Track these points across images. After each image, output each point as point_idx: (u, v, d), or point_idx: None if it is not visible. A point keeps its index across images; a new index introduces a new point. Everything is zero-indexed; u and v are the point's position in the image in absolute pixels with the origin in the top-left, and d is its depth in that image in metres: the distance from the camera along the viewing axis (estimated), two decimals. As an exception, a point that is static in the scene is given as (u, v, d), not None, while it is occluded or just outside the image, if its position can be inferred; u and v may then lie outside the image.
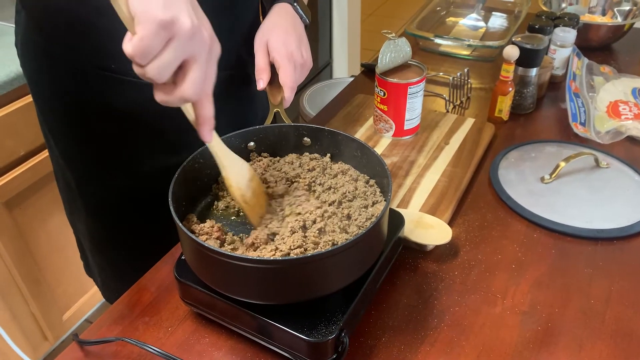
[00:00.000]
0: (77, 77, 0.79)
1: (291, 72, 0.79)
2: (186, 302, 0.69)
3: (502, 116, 1.08)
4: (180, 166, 0.67)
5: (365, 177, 0.73)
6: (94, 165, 0.89)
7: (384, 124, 1.01)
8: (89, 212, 0.94)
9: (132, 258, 0.94)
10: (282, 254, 0.60)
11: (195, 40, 0.49)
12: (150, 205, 0.88)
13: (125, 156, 0.87)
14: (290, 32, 0.82)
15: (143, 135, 0.85)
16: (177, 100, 0.51)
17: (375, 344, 0.67)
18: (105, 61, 0.76)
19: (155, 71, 0.48)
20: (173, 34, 0.47)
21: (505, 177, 0.93)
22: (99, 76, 0.77)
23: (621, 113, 1.07)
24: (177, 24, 0.47)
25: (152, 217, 0.88)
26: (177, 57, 0.48)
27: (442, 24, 1.49)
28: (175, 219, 0.59)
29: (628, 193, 0.89)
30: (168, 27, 0.46)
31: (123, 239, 0.96)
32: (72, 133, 0.86)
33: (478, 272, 0.76)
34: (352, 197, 0.69)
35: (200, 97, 0.52)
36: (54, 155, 0.93)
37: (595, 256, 0.79)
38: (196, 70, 0.50)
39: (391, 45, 0.98)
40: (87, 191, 0.92)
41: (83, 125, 0.84)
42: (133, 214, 0.93)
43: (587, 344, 0.66)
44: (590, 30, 1.32)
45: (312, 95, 1.85)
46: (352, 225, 0.65)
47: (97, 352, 0.67)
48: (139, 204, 0.91)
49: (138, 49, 0.46)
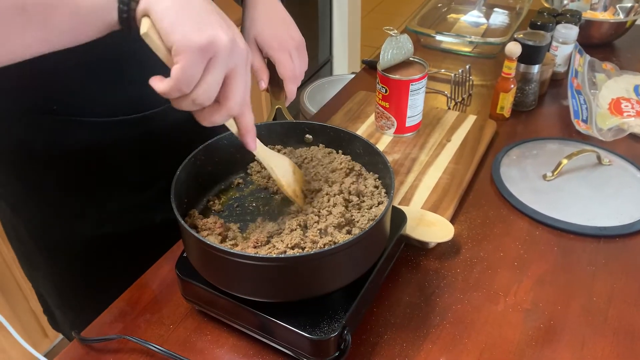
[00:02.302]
0: (16, 122, 0.72)
1: (288, 63, 0.76)
2: (188, 299, 0.68)
3: (504, 113, 1.08)
4: (182, 164, 0.67)
5: (374, 176, 0.72)
6: (49, 214, 0.81)
7: (385, 121, 1.01)
8: (52, 265, 0.86)
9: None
10: (278, 251, 0.60)
11: (235, 53, 0.48)
12: (121, 247, 0.83)
13: (82, 200, 0.80)
14: (272, 18, 0.78)
15: (99, 175, 0.79)
16: (225, 118, 0.51)
17: (377, 341, 0.67)
18: (48, 103, 0.70)
19: (204, 95, 0.47)
20: (214, 54, 0.46)
21: (507, 174, 0.93)
22: (41, 119, 0.72)
23: (623, 110, 1.07)
24: (216, 43, 0.46)
25: (124, 259, 0.83)
26: (221, 75, 0.48)
27: (443, 21, 1.49)
28: (177, 216, 0.59)
29: (630, 190, 0.89)
30: (208, 49, 0.45)
31: (96, 288, 0.86)
32: (20, 181, 0.78)
33: (480, 270, 0.76)
34: (362, 201, 0.68)
35: (243, 108, 0.52)
36: (1, 208, 0.83)
37: (597, 254, 0.78)
38: (238, 83, 0.49)
39: (393, 42, 0.97)
40: (46, 243, 0.83)
41: (31, 170, 0.77)
42: (104, 260, 0.85)
43: (590, 342, 0.66)
44: (592, 27, 1.32)
45: (313, 92, 1.85)
46: (354, 228, 0.64)
47: (98, 349, 0.67)
48: (107, 248, 0.84)
49: (181, 79, 0.45)
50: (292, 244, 0.60)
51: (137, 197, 0.80)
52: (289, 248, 0.60)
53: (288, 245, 0.60)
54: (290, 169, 0.69)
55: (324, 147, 0.77)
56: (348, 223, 0.65)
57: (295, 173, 0.70)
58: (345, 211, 0.65)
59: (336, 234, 0.62)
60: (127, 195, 0.82)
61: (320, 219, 0.65)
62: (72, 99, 0.59)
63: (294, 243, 0.61)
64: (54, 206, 0.80)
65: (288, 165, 0.69)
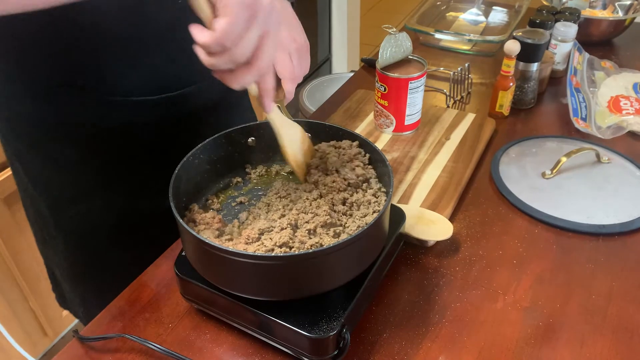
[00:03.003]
0: (42, 96, 0.73)
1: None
2: (187, 298, 0.68)
3: (503, 111, 1.08)
4: (180, 162, 0.67)
5: (378, 184, 0.71)
6: (70, 189, 0.82)
7: (384, 120, 1.01)
8: (68, 240, 0.87)
9: (123, 284, 0.80)
10: (266, 249, 0.60)
11: (272, 15, 0.49)
12: (139, 226, 0.84)
13: (103, 178, 0.82)
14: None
15: (122, 154, 0.80)
16: (255, 78, 0.52)
17: (376, 339, 0.67)
18: (77, 79, 0.71)
19: (242, 52, 0.48)
20: (255, 11, 0.47)
21: (506, 172, 0.93)
22: (68, 95, 0.73)
23: (622, 108, 1.07)
24: (259, 1, 0.47)
25: (142, 238, 0.84)
26: (259, 33, 0.49)
27: (442, 19, 1.49)
28: (175, 214, 0.59)
29: (629, 188, 0.89)
30: (252, 6, 0.47)
31: (111, 265, 0.88)
32: (40, 156, 0.80)
33: (479, 268, 0.76)
34: (358, 206, 0.68)
35: (270, 69, 0.53)
36: (21, 181, 0.86)
37: (596, 252, 0.78)
38: (270, 44, 0.50)
39: (392, 40, 0.97)
40: (64, 218, 0.85)
41: (53, 146, 0.78)
42: (122, 238, 0.86)
43: (589, 340, 0.66)
44: (591, 25, 1.31)
45: (312, 90, 1.85)
46: (343, 233, 0.64)
47: (97, 348, 0.67)
48: (124, 227, 0.85)
49: (228, 32, 0.46)
50: (280, 242, 0.60)
51: (156, 179, 0.81)
52: (277, 246, 0.60)
53: (276, 244, 0.60)
54: (298, 139, 0.70)
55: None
56: (335, 224, 0.64)
57: (304, 143, 0.71)
58: (333, 212, 0.65)
59: (324, 236, 0.62)
60: (147, 177, 0.83)
61: (310, 219, 0.64)
62: (102, 75, 0.60)
63: (282, 242, 0.60)
64: (74, 182, 0.82)
65: (298, 134, 0.70)
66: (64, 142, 0.78)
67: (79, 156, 0.79)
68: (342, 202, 0.67)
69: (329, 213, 0.64)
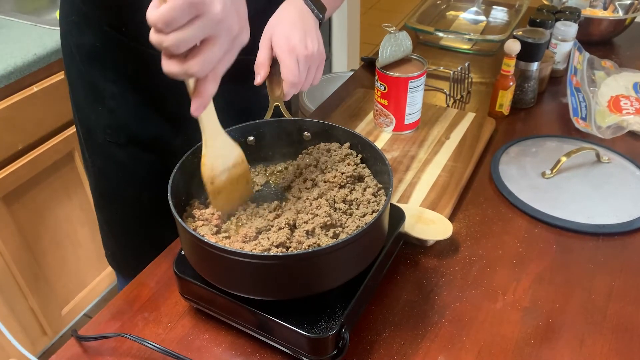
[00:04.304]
0: (97, 35, 0.83)
1: (293, 67, 0.77)
2: (186, 297, 0.68)
3: (503, 111, 1.07)
4: (180, 160, 0.67)
5: (377, 184, 0.71)
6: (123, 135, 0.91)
7: (384, 119, 1.01)
8: (120, 199, 0.96)
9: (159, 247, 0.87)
10: (263, 248, 0.60)
11: (221, 26, 0.50)
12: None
13: (139, 112, 0.90)
14: (296, 25, 0.80)
15: (152, 92, 0.87)
16: (182, 74, 0.52)
17: (375, 339, 0.66)
18: (118, 21, 0.81)
19: (173, 42, 0.49)
20: (201, 13, 0.48)
21: (506, 172, 0.93)
22: (112, 36, 0.82)
23: (622, 108, 1.07)
24: (206, 5, 0.48)
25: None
26: (197, 35, 0.49)
27: (442, 18, 1.48)
28: (173, 213, 0.59)
29: (629, 188, 0.89)
30: (197, 6, 0.48)
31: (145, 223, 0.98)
32: (90, 90, 0.89)
33: (479, 268, 0.76)
34: (357, 205, 0.67)
35: (206, 74, 0.53)
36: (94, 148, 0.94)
37: (596, 252, 0.78)
38: (211, 51, 0.51)
39: (392, 39, 0.97)
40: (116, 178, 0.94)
41: (100, 82, 0.87)
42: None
43: (589, 340, 0.66)
44: (591, 25, 1.31)
45: (312, 89, 1.85)
46: (342, 233, 0.64)
47: (96, 347, 0.66)
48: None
49: (164, 17, 0.47)
50: (277, 242, 0.60)
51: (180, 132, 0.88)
52: (274, 246, 0.60)
53: (273, 244, 0.60)
54: (231, 160, 0.66)
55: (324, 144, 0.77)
56: (335, 225, 0.64)
57: (236, 168, 0.67)
58: (333, 212, 0.65)
59: (322, 237, 0.62)
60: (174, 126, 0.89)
61: (309, 219, 0.64)
62: (141, 24, 0.60)
63: (279, 241, 0.60)
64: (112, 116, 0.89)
65: (232, 156, 0.66)
66: (111, 80, 0.87)
67: (121, 90, 0.88)
68: (343, 199, 0.67)
69: (329, 214, 0.64)
